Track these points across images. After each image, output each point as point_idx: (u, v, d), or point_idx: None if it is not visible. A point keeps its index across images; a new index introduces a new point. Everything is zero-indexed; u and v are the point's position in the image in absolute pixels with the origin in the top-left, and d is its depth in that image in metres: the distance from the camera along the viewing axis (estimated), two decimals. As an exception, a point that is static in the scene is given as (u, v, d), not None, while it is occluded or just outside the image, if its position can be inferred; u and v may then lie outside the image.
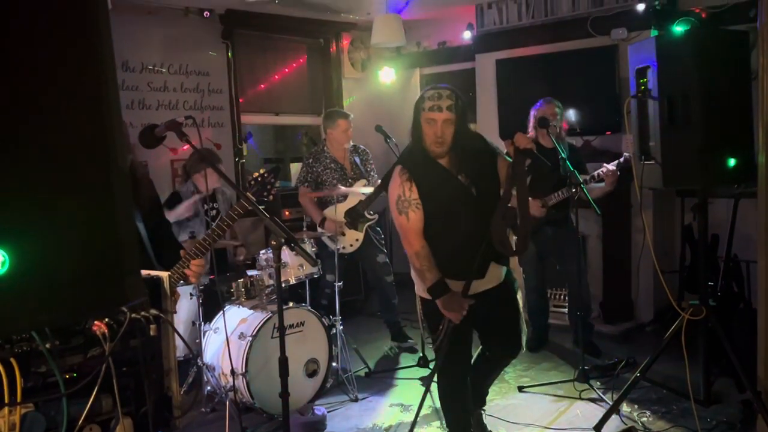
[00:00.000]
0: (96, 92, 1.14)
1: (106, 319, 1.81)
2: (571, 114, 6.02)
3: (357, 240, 5.40)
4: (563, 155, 4.66)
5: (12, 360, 1.64)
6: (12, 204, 1.02)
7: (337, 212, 5.22)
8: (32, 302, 1.09)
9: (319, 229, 5.34)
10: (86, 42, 1.13)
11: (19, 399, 1.64)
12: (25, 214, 1.04)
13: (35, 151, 1.05)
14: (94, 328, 1.80)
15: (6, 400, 1.63)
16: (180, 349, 4.27)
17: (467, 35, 6.96)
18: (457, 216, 3.20)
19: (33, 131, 1.06)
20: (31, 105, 1.04)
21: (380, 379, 5.03)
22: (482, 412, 3.86)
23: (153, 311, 1.92)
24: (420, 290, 3.40)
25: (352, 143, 5.52)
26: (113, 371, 1.81)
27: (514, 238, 3.23)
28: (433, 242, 3.24)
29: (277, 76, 7.32)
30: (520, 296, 3.55)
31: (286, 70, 7.42)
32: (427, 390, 3.61)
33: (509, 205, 3.10)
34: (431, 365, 5.06)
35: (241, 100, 6.81)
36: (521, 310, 3.53)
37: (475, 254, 3.14)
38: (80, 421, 1.78)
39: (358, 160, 5.49)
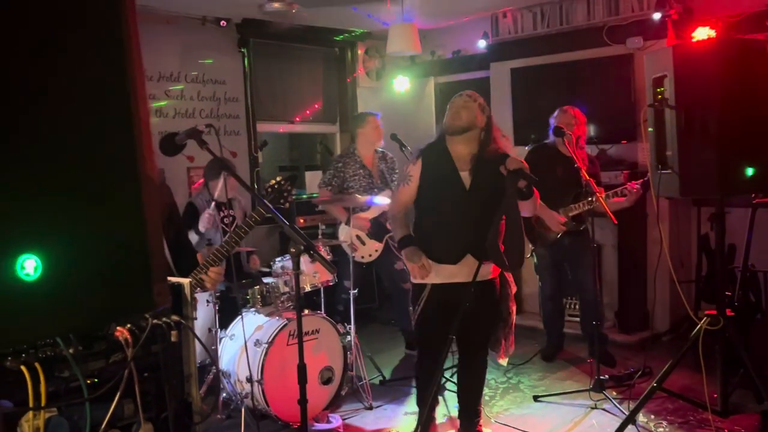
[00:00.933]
0: (127, 105, 1.16)
1: (129, 325, 1.83)
2: (586, 123, 6.00)
3: (376, 251, 5.41)
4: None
5: (36, 364, 1.66)
6: (46, 211, 1.04)
7: (362, 219, 5.25)
8: (64, 306, 1.11)
9: (340, 237, 5.34)
10: (118, 57, 1.16)
11: (43, 403, 1.66)
12: (58, 221, 1.06)
13: (69, 161, 1.07)
14: (117, 333, 1.81)
15: (30, 404, 1.65)
16: (197, 356, 4.29)
17: (482, 44, 6.98)
18: (446, 201, 3.63)
19: (68, 142, 1.08)
20: (64, 116, 1.07)
21: (395, 387, 5.02)
22: (479, 425, 3.99)
23: (174, 317, 1.93)
24: (412, 276, 3.79)
25: (381, 149, 5.53)
26: (135, 376, 1.82)
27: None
28: (424, 222, 3.74)
29: (292, 85, 7.36)
30: (514, 308, 3.86)
31: (302, 78, 7.45)
32: (436, 396, 3.69)
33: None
34: (445, 374, 5.05)
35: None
36: (506, 315, 3.81)
37: (456, 243, 3.59)
38: (103, 426, 1.79)
39: (384, 168, 5.49)
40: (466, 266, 3.57)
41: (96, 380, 1.87)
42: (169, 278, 2.15)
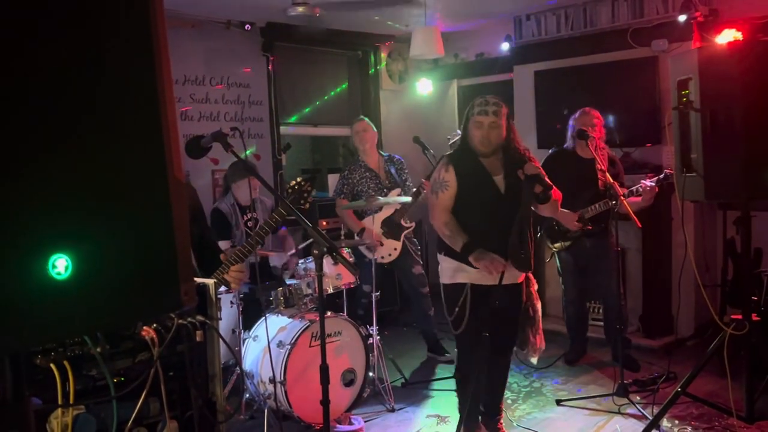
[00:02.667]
0: (156, 107, 1.19)
1: (155, 325, 1.86)
2: (611, 126, 5.97)
3: (396, 249, 5.43)
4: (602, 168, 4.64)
5: (65, 363, 1.69)
6: (77, 211, 1.07)
7: (375, 222, 5.27)
8: (93, 305, 1.13)
9: (357, 238, 5.38)
10: (147, 60, 1.18)
11: (71, 401, 1.70)
12: (89, 221, 1.09)
13: (100, 161, 1.09)
14: (143, 333, 1.85)
15: (59, 402, 1.68)
16: (221, 356, 4.33)
17: (505, 47, 6.97)
18: (484, 207, 3.59)
19: (96, 142, 1.10)
20: (95, 117, 1.09)
21: (416, 389, 5.03)
22: (500, 423, 4.01)
23: (199, 317, 1.97)
24: (443, 275, 3.77)
25: (387, 153, 5.58)
26: (161, 375, 1.85)
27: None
28: (462, 228, 3.62)
29: (315, 88, 7.40)
30: (539, 306, 3.86)
31: (325, 82, 7.50)
32: (465, 404, 3.66)
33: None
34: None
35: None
36: (532, 313, 3.81)
37: (497, 246, 3.48)
38: (129, 424, 1.83)
39: (393, 170, 5.53)
40: (511, 270, 3.57)
41: (122, 379, 1.91)
42: (194, 279, 2.19)
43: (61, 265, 1.07)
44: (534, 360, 4.04)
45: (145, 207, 1.16)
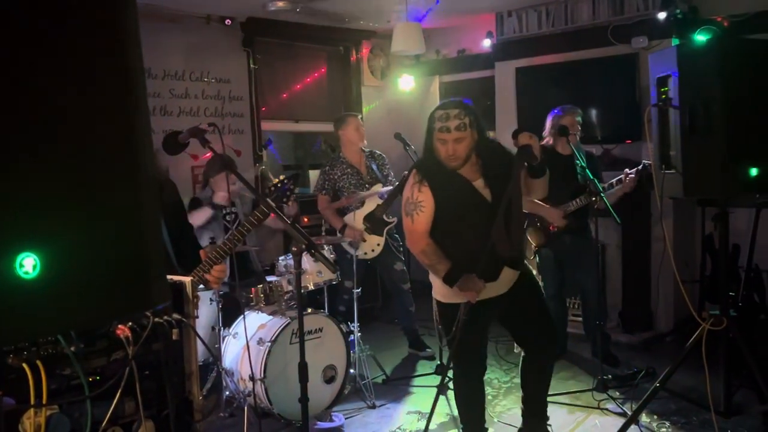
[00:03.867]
0: (126, 102, 1.17)
1: (130, 323, 1.84)
2: (592, 122, 5.99)
3: (378, 245, 5.42)
4: (582, 163, 4.66)
5: (38, 362, 1.66)
6: (43, 209, 1.05)
7: (356, 219, 5.25)
8: (62, 305, 1.11)
9: (339, 235, 5.36)
10: (118, 53, 1.16)
11: (44, 401, 1.67)
12: (56, 219, 1.07)
13: (67, 158, 1.07)
14: (118, 331, 1.82)
15: (32, 402, 1.65)
16: (200, 354, 4.30)
17: (487, 43, 6.97)
18: (471, 221, 3.28)
19: (65, 139, 1.08)
20: (63, 114, 1.07)
21: (397, 386, 5.03)
22: (548, 427, 3.78)
23: (175, 315, 1.94)
24: (436, 293, 3.50)
25: (368, 149, 5.56)
26: (136, 374, 1.83)
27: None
28: (448, 246, 3.33)
29: (296, 84, 7.37)
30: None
31: (306, 77, 7.46)
32: (438, 395, 3.58)
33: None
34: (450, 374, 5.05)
35: (263, 108, 6.87)
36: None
37: (492, 259, 3.20)
38: (104, 423, 1.80)
39: (375, 166, 5.52)
40: (502, 276, 3.36)
41: (98, 377, 1.88)
42: (170, 276, 2.17)
43: (29, 264, 1.05)
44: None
45: (116, 205, 1.14)
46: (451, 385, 4.65)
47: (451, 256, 3.32)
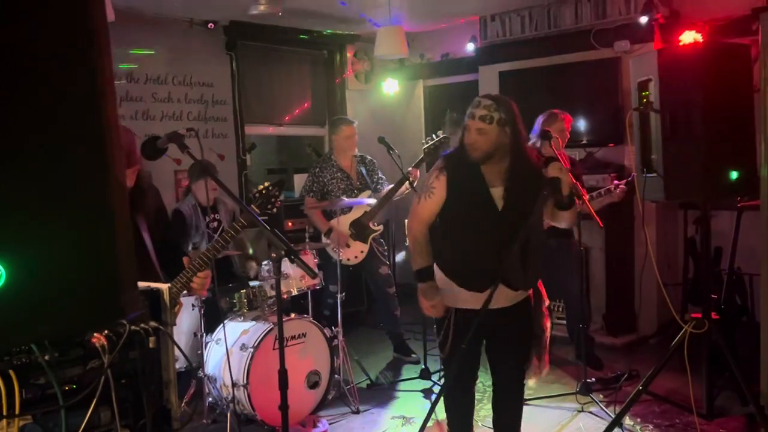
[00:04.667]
0: (94, 108, 1.15)
1: (106, 331, 1.81)
2: (575, 126, 6.01)
3: (362, 252, 5.40)
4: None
5: (11, 372, 1.64)
6: (10, 218, 1.03)
7: (341, 223, 5.24)
8: (29, 316, 1.09)
9: (324, 240, 5.34)
10: (85, 58, 1.14)
11: (17, 411, 1.64)
12: (22, 228, 1.05)
13: (33, 166, 1.05)
14: (94, 340, 1.80)
15: (4, 412, 1.63)
16: (181, 360, 4.27)
17: (470, 47, 6.99)
18: (475, 224, 3.19)
19: (32, 148, 1.06)
20: (28, 120, 1.05)
21: (382, 391, 5.02)
22: None
23: (152, 323, 1.92)
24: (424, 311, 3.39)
25: (359, 153, 5.55)
26: (112, 383, 1.80)
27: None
28: (450, 245, 3.27)
29: (280, 87, 7.35)
30: (549, 325, 3.46)
31: (290, 81, 7.44)
32: (434, 405, 3.50)
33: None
34: (433, 377, 5.05)
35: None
36: (539, 332, 3.40)
37: (485, 270, 3.13)
38: (78, 433, 1.77)
39: (364, 170, 5.50)
40: (505, 292, 3.19)
41: (75, 386, 1.86)
42: (149, 283, 2.14)
43: (-5, 275, 1.03)
44: (533, 383, 3.82)
45: (86, 214, 1.12)
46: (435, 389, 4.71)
47: (448, 255, 3.29)
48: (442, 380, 4.51)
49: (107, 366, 1.80)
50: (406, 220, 3.57)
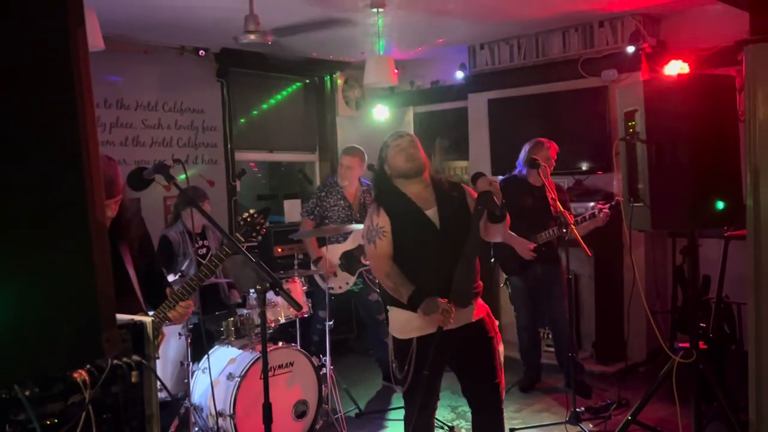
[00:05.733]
0: (76, 144, 1.14)
1: (88, 366, 1.80)
2: (563, 153, 6.05)
3: (347, 283, 5.38)
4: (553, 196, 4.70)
5: (-10, 408, 1.62)
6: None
7: (333, 253, 5.23)
8: (7, 355, 1.08)
9: (312, 267, 5.33)
10: (65, 92, 1.14)
11: (-4, 448, 1.62)
12: (2, 268, 1.04)
13: (11, 204, 1.05)
14: (75, 375, 1.78)
15: (-17, 450, 1.61)
16: (171, 389, 4.23)
17: (460, 75, 7.04)
18: (422, 249, 3.29)
19: (10, 183, 1.06)
20: (6, 158, 1.05)
21: (371, 419, 4.98)
22: None
23: (135, 357, 1.90)
24: (393, 329, 3.41)
25: (367, 182, 5.55)
26: (93, 419, 1.78)
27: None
28: (403, 272, 3.31)
29: (271, 114, 7.38)
30: (501, 349, 3.43)
31: (281, 107, 7.47)
32: None
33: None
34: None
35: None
36: (498, 357, 3.38)
37: (434, 287, 3.19)
38: (58, 470, 1.75)
39: (367, 201, 5.48)
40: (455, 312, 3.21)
41: (56, 420, 1.84)
42: (132, 316, 2.13)
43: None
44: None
45: (64, 252, 1.12)
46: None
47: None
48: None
49: (88, 401, 1.78)
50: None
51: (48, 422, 1.79)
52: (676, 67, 5.52)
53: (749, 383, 3.79)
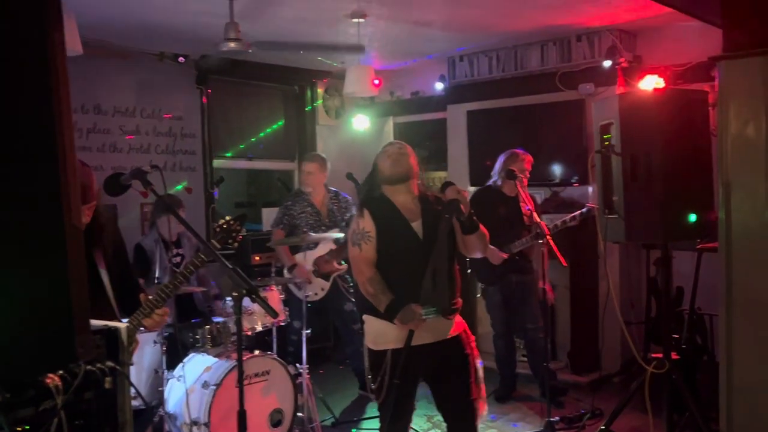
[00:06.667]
0: (50, 148, 1.14)
1: (60, 371, 1.78)
2: (540, 165, 6.10)
3: (322, 289, 5.38)
4: (528, 207, 4.75)
5: (-40, 414, 1.60)
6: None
7: (307, 259, 5.22)
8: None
9: (287, 275, 5.32)
10: (42, 98, 1.14)
11: (-35, 454, 1.60)
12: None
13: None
14: (47, 380, 1.77)
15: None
16: (146, 397, 4.19)
17: (440, 86, 7.09)
18: (404, 259, 3.28)
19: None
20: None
21: (346, 428, 4.97)
22: None
23: (109, 363, 1.89)
24: (368, 340, 3.40)
25: (334, 190, 5.56)
26: (65, 425, 1.77)
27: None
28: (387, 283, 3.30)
29: (250, 122, 7.37)
30: (480, 365, 3.42)
31: (260, 115, 7.47)
32: None
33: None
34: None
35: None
36: (474, 374, 3.37)
37: (411, 298, 3.16)
38: (29, 477, 1.73)
39: (335, 208, 5.50)
40: (431, 324, 3.19)
41: (27, 427, 1.82)
42: (106, 322, 2.11)
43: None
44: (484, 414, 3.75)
45: (39, 258, 1.12)
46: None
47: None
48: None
49: (61, 407, 1.76)
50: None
51: (19, 429, 1.77)
52: (651, 82, 5.61)
53: (720, 394, 3.83)
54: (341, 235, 5.19)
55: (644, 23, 5.72)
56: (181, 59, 6.39)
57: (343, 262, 5.41)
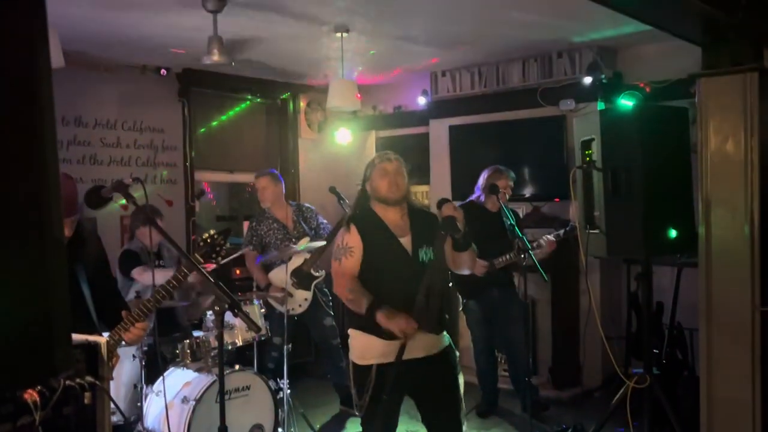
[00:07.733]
0: (32, 158, 1.13)
1: (38, 387, 1.76)
2: (522, 180, 6.14)
3: (306, 300, 5.35)
4: (511, 221, 4.76)
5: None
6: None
7: (282, 274, 5.19)
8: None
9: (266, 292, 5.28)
10: (26, 105, 1.13)
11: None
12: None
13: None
14: (25, 395, 1.74)
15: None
16: (125, 412, 4.14)
17: (422, 101, 7.11)
18: (392, 275, 3.24)
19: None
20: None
21: (327, 444, 4.93)
22: None
23: (88, 378, 1.87)
24: (353, 354, 3.35)
25: (295, 203, 5.57)
26: (42, 441, 1.74)
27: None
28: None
29: (232, 135, 7.34)
30: (462, 379, 3.39)
31: (242, 128, 7.45)
32: None
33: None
34: None
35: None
36: (461, 399, 3.34)
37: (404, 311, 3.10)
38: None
39: (300, 219, 5.48)
40: (419, 338, 3.11)
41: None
42: (86, 336, 2.09)
43: None
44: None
45: (18, 269, 1.10)
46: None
47: None
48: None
49: (39, 423, 1.74)
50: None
51: (-5, 445, 1.74)
52: (631, 98, 5.67)
53: (701, 408, 3.86)
54: (320, 243, 5.14)
55: (625, 40, 5.79)
56: (163, 72, 6.37)
57: (321, 271, 5.36)
